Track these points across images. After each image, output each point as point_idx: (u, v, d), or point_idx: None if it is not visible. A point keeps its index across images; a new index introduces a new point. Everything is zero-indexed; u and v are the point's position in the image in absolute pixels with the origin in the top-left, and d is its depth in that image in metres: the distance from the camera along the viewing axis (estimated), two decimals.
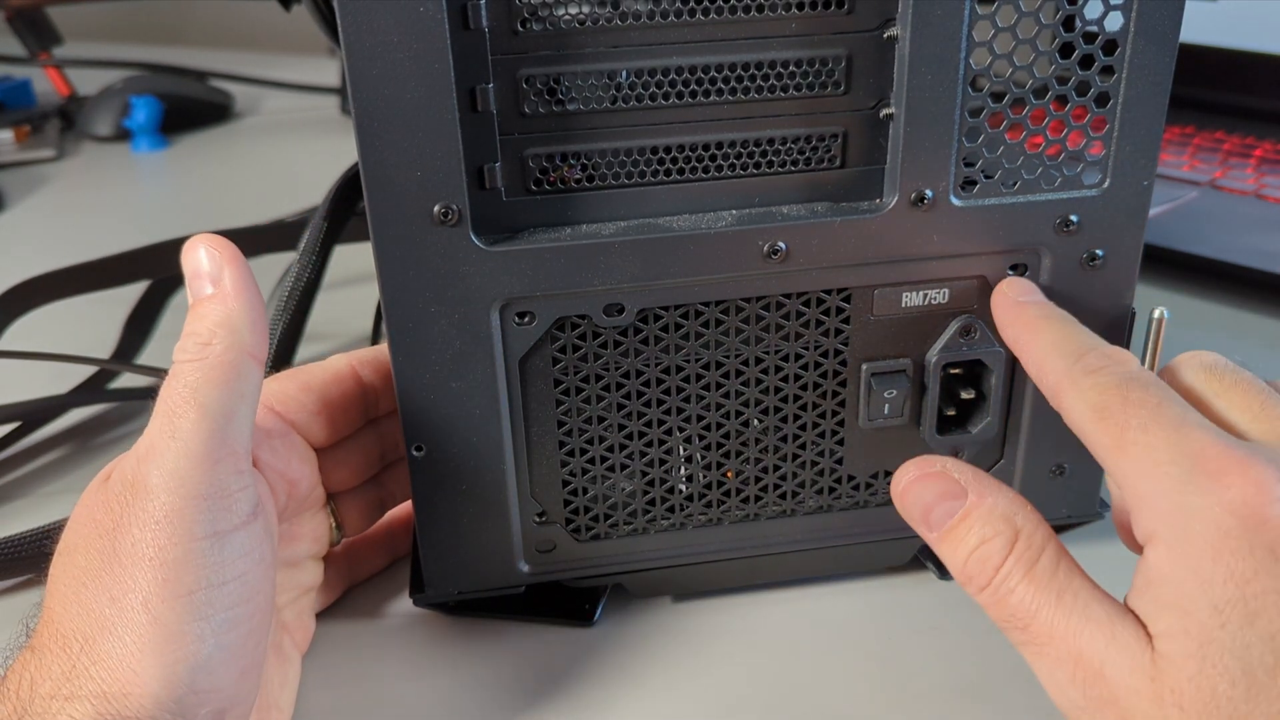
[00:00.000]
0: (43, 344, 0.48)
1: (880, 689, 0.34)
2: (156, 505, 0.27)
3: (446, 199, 0.30)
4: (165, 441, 0.27)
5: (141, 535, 0.27)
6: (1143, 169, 0.32)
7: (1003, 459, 0.37)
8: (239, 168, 0.87)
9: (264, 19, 1.28)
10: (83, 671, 0.26)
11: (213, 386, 0.28)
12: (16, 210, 0.78)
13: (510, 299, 0.31)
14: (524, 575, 0.36)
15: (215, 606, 0.27)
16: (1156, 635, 0.24)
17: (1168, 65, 0.31)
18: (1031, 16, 0.30)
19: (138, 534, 0.27)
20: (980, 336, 0.34)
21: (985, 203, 0.32)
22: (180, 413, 0.27)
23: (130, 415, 0.51)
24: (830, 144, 0.32)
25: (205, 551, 0.27)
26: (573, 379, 0.33)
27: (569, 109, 0.30)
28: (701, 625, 0.37)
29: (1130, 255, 0.34)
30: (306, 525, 0.35)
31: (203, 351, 0.28)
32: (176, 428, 0.27)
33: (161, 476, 0.27)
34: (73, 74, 0.99)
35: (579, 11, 0.29)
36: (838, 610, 0.37)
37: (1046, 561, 0.27)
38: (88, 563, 0.27)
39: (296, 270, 0.48)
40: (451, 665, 0.36)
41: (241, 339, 0.28)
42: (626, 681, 0.35)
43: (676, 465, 0.35)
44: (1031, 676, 0.34)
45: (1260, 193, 0.64)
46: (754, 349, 0.34)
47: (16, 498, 0.45)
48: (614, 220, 0.32)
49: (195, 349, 0.28)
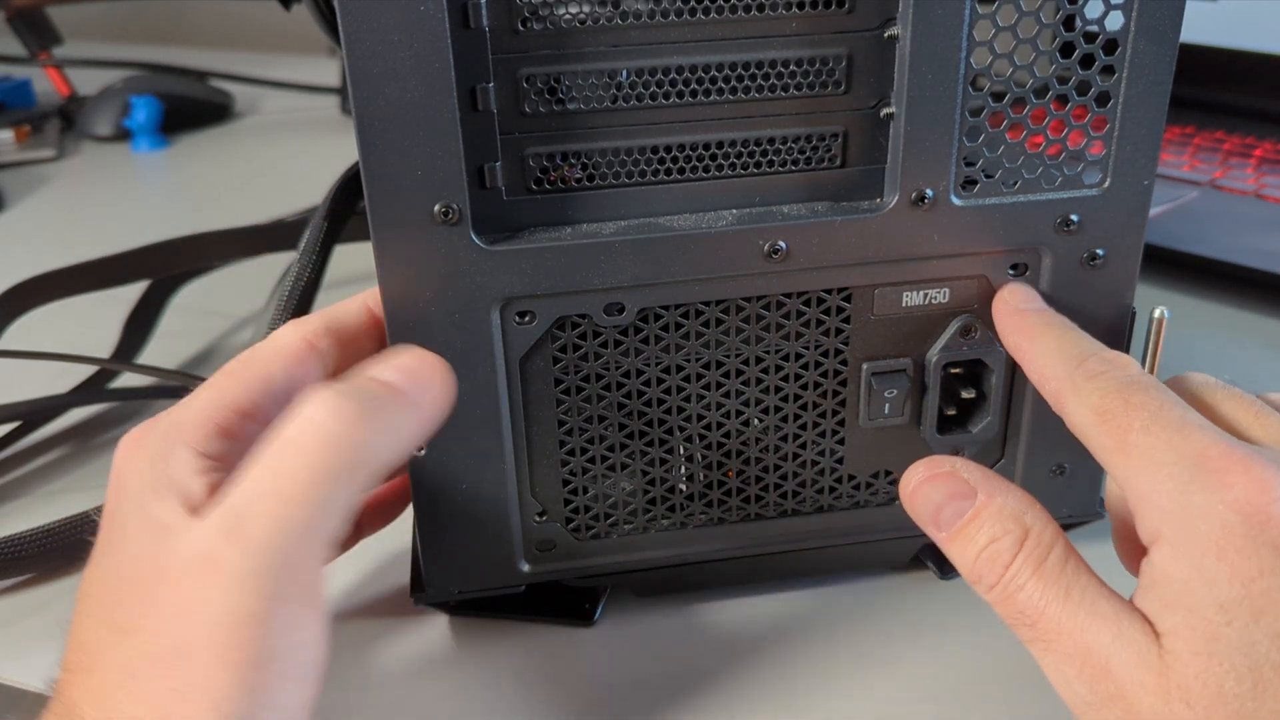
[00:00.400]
0: (43, 344, 0.48)
1: (880, 689, 0.34)
2: (246, 599, 0.24)
3: (447, 198, 0.30)
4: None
5: (217, 630, 0.24)
6: (1143, 169, 0.32)
7: (1003, 458, 0.37)
8: (239, 168, 0.87)
9: (264, 19, 1.28)
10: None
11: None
12: (16, 210, 0.78)
13: (510, 298, 0.31)
14: (524, 575, 0.36)
15: (284, 699, 0.25)
16: (1163, 633, 0.24)
17: (1168, 65, 0.31)
18: (1032, 16, 0.30)
19: (211, 629, 0.24)
20: (981, 336, 0.34)
21: (986, 202, 0.32)
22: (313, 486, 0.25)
23: (130, 415, 0.51)
24: (830, 143, 0.32)
25: (285, 651, 0.25)
26: (573, 378, 0.33)
27: (569, 108, 0.30)
28: (702, 625, 0.37)
29: (1130, 255, 0.34)
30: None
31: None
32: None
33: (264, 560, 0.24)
34: (73, 74, 0.99)
35: (579, 11, 0.29)
36: (838, 610, 0.37)
37: (1055, 559, 0.27)
38: (146, 646, 0.24)
39: (296, 270, 0.48)
40: (451, 665, 0.36)
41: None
42: (626, 681, 0.35)
43: (677, 465, 0.35)
44: (1032, 677, 0.34)
45: (1260, 193, 0.64)
46: (754, 348, 0.34)
47: (16, 498, 0.45)
48: (614, 220, 0.32)
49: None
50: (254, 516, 0.25)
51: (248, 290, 0.59)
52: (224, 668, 0.24)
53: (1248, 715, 0.23)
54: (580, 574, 0.36)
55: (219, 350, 0.56)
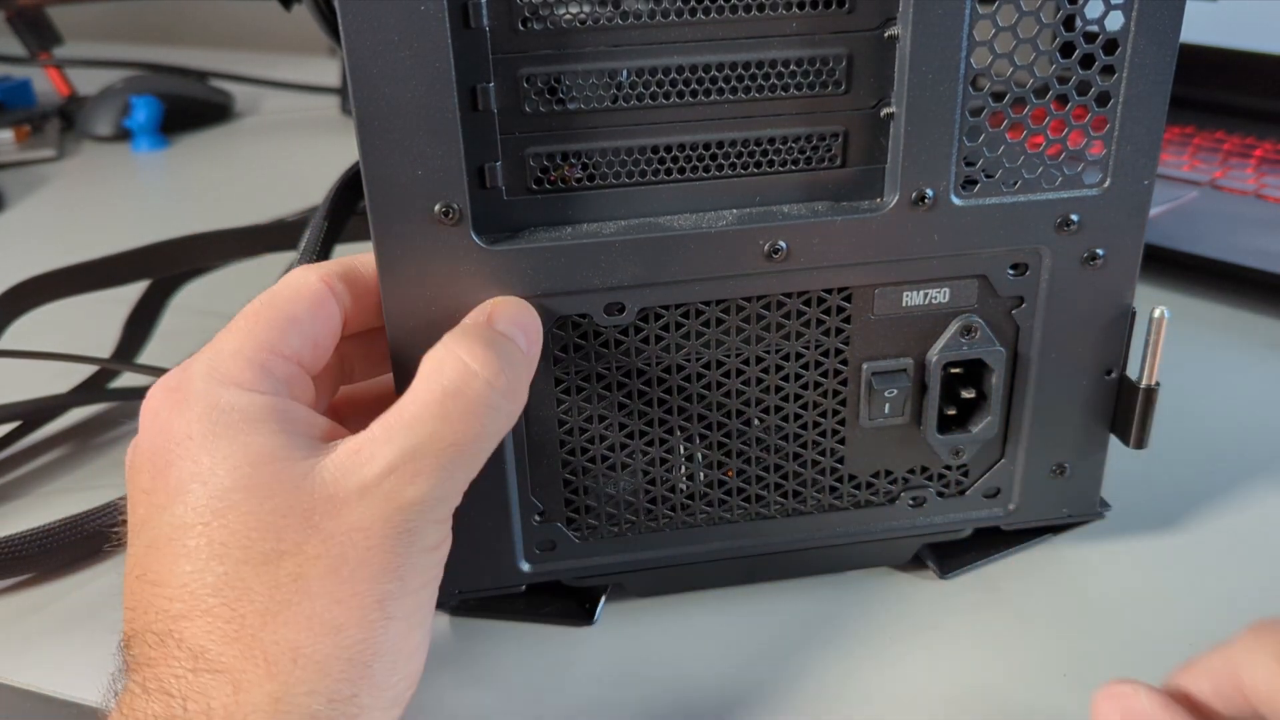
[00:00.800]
0: (43, 344, 0.48)
1: (880, 689, 0.34)
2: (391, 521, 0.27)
3: (447, 198, 0.30)
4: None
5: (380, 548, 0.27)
6: (1143, 169, 0.32)
7: (1003, 458, 0.37)
8: (239, 168, 0.87)
9: (264, 19, 1.28)
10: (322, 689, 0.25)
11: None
12: (16, 210, 0.78)
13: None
14: (524, 575, 0.36)
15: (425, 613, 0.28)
16: None
17: (1168, 65, 0.31)
18: (1032, 16, 0.30)
19: (372, 548, 0.27)
20: (981, 336, 0.34)
21: (986, 202, 0.32)
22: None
23: (130, 415, 0.50)
24: (831, 143, 0.32)
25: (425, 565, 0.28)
26: (573, 378, 0.33)
27: (570, 108, 0.30)
28: (702, 625, 0.37)
29: (1130, 255, 0.34)
30: None
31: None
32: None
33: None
34: (73, 74, 0.99)
35: (580, 10, 0.29)
36: (838, 610, 0.37)
37: None
38: (299, 569, 0.26)
39: None
40: (451, 665, 0.36)
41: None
42: (626, 681, 0.35)
43: (677, 464, 0.35)
44: (1031, 677, 0.34)
45: (1260, 193, 0.64)
46: (755, 348, 0.34)
47: (16, 498, 0.45)
48: (615, 219, 0.32)
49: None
50: (429, 456, 0.27)
51: (248, 290, 0.58)
52: (382, 578, 0.26)
53: None
54: (580, 574, 0.36)
55: None
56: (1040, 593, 0.37)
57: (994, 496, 0.37)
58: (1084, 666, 0.34)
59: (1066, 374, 0.35)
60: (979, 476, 0.37)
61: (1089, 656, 0.35)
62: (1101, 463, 0.38)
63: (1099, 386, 0.36)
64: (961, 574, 0.38)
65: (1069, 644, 0.35)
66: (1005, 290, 0.34)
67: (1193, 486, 0.42)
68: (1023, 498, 0.37)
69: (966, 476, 0.37)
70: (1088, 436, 0.37)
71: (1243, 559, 0.39)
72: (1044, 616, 0.36)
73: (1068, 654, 0.35)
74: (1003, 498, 0.37)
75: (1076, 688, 0.34)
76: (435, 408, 0.27)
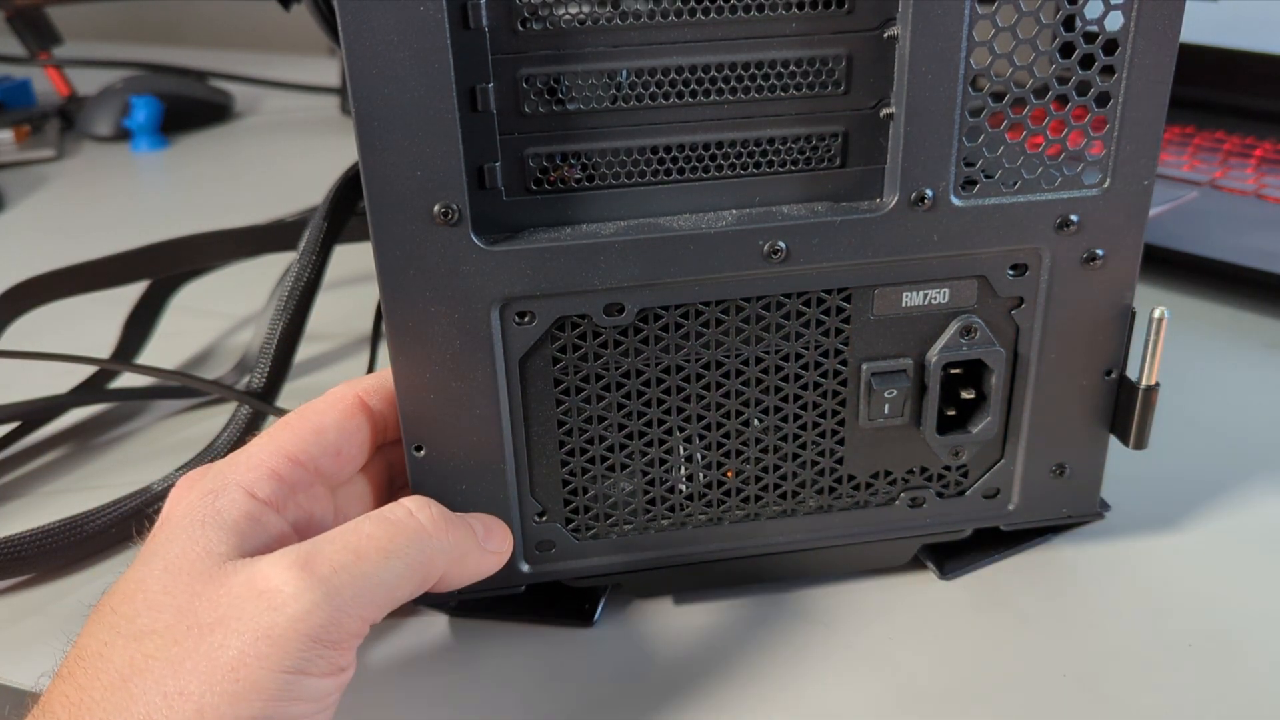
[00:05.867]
0: (43, 344, 0.48)
1: (880, 689, 0.34)
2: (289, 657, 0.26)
3: (447, 199, 0.30)
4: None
5: (256, 644, 0.26)
6: (1143, 169, 0.32)
7: (1003, 458, 0.37)
8: (239, 168, 0.87)
9: (264, 19, 1.28)
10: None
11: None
12: (16, 210, 0.78)
13: (510, 298, 0.31)
14: (524, 575, 0.36)
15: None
16: None
17: (1168, 65, 0.31)
18: (1032, 16, 0.30)
19: (248, 642, 0.26)
20: (980, 336, 0.34)
21: (985, 202, 0.32)
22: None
23: (130, 415, 0.51)
24: (830, 144, 0.32)
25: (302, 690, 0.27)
26: (573, 378, 0.33)
27: (569, 108, 0.30)
28: (701, 625, 0.37)
29: (1130, 255, 0.34)
30: None
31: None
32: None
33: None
34: (73, 74, 0.99)
35: (579, 11, 0.29)
36: (838, 610, 0.37)
37: None
38: (156, 649, 0.26)
39: (296, 270, 0.48)
40: (452, 665, 0.36)
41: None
42: (626, 681, 0.35)
43: (677, 465, 0.35)
44: (1031, 677, 0.34)
45: (1260, 193, 0.64)
46: (754, 349, 0.34)
47: (16, 498, 0.45)
48: (614, 220, 0.32)
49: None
50: (324, 558, 0.28)
51: (248, 290, 0.59)
52: (256, 681, 0.26)
53: None
54: (580, 574, 0.36)
55: (219, 350, 0.56)
56: (1040, 593, 0.37)
57: (993, 497, 0.37)
58: (1084, 666, 0.34)
59: (1066, 374, 0.35)
60: (978, 477, 0.37)
61: (1089, 656, 0.35)
62: (1101, 463, 0.38)
63: (1099, 387, 0.36)
64: (961, 575, 0.38)
65: (1069, 644, 0.35)
66: (1005, 290, 0.34)
67: (1192, 487, 0.42)
68: (1022, 498, 0.37)
69: (966, 477, 0.37)
70: (1087, 437, 0.37)
71: (1243, 559, 0.39)
72: (1044, 616, 0.36)
73: (1068, 654, 0.35)
74: (1002, 498, 0.37)
75: (1076, 688, 0.34)
76: (356, 524, 0.29)
